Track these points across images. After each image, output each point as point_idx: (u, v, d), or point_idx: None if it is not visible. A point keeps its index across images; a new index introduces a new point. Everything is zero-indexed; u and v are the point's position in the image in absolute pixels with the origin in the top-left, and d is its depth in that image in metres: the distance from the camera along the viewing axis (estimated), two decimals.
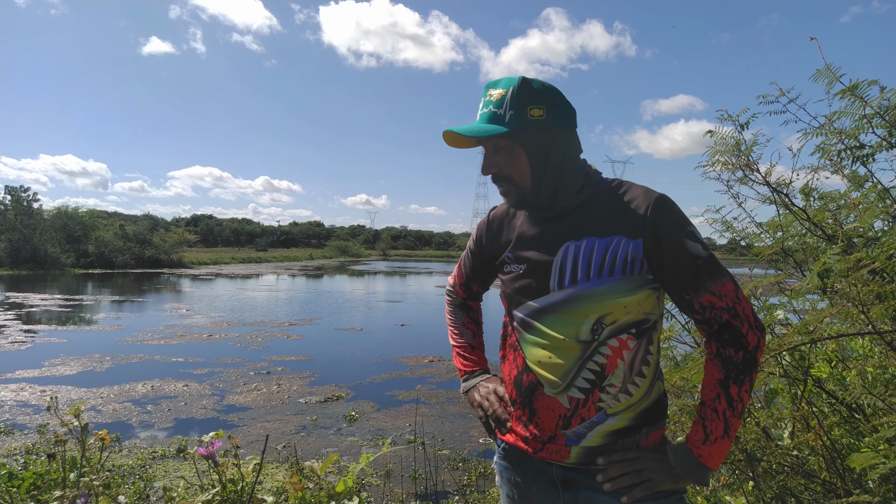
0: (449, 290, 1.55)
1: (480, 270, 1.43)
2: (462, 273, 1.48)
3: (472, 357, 1.44)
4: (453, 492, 4.26)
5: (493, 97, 1.15)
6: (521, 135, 1.15)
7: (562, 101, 1.16)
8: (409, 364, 9.05)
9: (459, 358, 1.45)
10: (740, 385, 1.07)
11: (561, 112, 1.16)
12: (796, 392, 1.85)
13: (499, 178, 1.20)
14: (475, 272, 1.44)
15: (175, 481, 3.89)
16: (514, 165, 1.17)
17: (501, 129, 1.13)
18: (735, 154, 1.91)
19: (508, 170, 1.18)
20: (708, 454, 1.08)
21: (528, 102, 1.13)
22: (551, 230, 1.19)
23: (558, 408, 1.15)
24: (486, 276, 1.44)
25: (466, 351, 1.45)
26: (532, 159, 1.16)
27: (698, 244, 1.10)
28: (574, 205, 1.18)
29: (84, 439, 2.10)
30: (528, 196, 1.18)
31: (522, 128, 1.14)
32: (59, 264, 29.48)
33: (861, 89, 1.66)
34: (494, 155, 1.19)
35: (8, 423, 5.67)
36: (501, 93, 1.14)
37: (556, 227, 1.19)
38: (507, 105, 1.13)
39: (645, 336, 1.15)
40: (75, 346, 9.74)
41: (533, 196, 1.18)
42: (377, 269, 42.92)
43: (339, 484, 2.15)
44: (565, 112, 1.16)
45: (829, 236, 1.80)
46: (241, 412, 6.38)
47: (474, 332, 1.50)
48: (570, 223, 1.17)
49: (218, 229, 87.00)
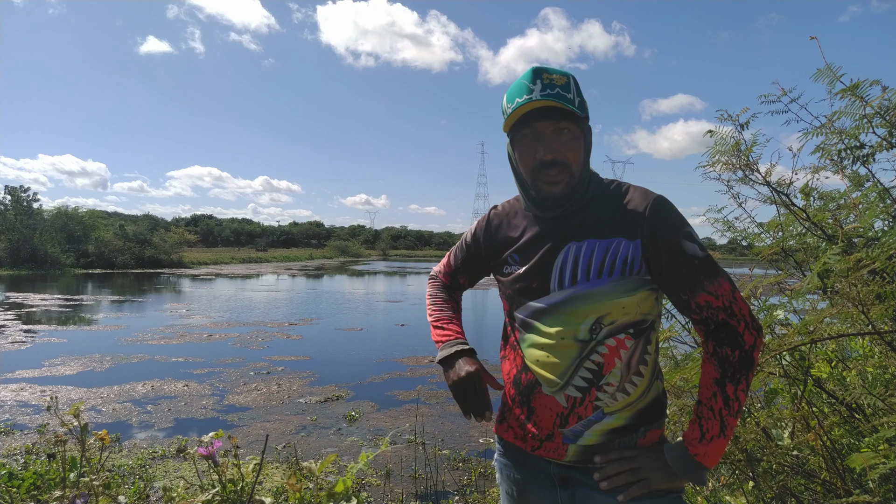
0: (433, 275, 1.53)
1: (471, 265, 1.41)
2: (450, 263, 1.47)
3: (450, 327, 1.34)
4: (453, 492, 4.26)
5: (555, 80, 1.12)
6: (586, 124, 1.18)
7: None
8: (409, 364, 9.05)
9: (436, 330, 1.36)
10: (736, 384, 1.07)
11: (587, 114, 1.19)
12: (796, 392, 1.85)
13: (556, 164, 1.14)
14: (465, 264, 1.43)
15: (175, 481, 3.89)
16: (575, 152, 1.15)
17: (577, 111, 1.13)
18: (735, 154, 1.91)
19: (568, 156, 1.14)
20: (704, 453, 1.08)
21: (583, 96, 1.16)
22: (555, 231, 1.19)
23: (556, 406, 1.16)
24: (475, 272, 1.43)
25: (443, 322, 1.36)
26: (586, 151, 1.18)
27: (695, 245, 1.11)
28: (578, 206, 1.19)
29: (84, 439, 2.09)
30: (575, 187, 1.16)
31: (587, 118, 1.17)
32: (59, 264, 29.48)
33: (862, 89, 1.65)
34: (556, 138, 1.14)
35: (8, 423, 5.67)
36: (563, 79, 1.13)
37: (559, 228, 1.19)
38: (574, 91, 1.13)
39: (643, 336, 1.15)
40: (75, 346, 9.74)
41: (576, 188, 1.16)
42: (377, 269, 42.92)
43: (338, 484, 2.15)
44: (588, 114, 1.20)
45: (829, 236, 1.79)
46: (241, 412, 6.38)
47: (453, 308, 1.42)
48: (572, 224, 1.18)
49: (218, 229, 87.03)
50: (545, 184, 1.16)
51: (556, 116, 1.13)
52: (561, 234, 1.18)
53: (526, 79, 1.13)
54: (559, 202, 1.16)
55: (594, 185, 1.21)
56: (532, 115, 1.14)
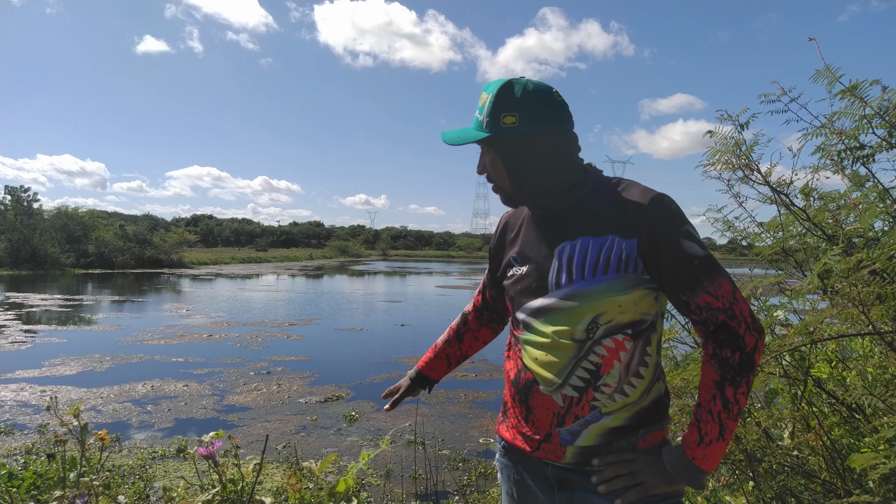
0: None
1: (493, 277, 1.43)
2: (484, 280, 1.50)
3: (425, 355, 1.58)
4: (453, 492, 4.26)
5: (480, 101, 1.19)
6: (496, 142, 1.18)
7: (543, 104, 1.15)
8: (409, 364, 9.04)
9: None
10: (736, 387, 1.06)
11: (539, 117, 1.15)
12: (796, 392, 1.85)
13: (489, 178, 1.25)
14: (490, 278, 1.45)
15: (175, 481, 3.89)
16: (495, 170, 1.22)
17: (478, 135, 1.18)
18: (735, 154, 1.91)
19: (491, 172, 1.23)
20: (702, 456, 1.08)
21: (501, 110, 1.16)
22: (549, 230, 1.20)
23: (552, 406, 1.16)
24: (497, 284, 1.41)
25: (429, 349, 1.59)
26: (507, 166, 1.19)
27: (695, 244, 1.09)
28: (569, 203, 1.19)
29: (84, 439, 2.09)
30: (513, 196, 1.23)
31: (497, 135, 1.17)
32: (59, 264, 29.46)
33: (861, 89, 1.65)
34: (483, 156, 1.24)
35: (8, 423, 5.67)
36: (484, 97, 1.18)
37: (553, 227, 1.19)
38: (486, 111, 1.17)
39: (642, 337, 1.14)
40: (75, 346, 9.74)
41: (517, 197, 1.23)
42: (377, 270, 42.92)
43: (339, 483, 2.15)
44: (545, 116, 1.15)
45: (830, 236, 1.79)
46: (241, 412, 6.38)
47: (447, 337, 1.57)
48: (566, 223, 1.18)
49: (218, 229, 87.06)
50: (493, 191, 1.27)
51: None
52: (556, 232, 1.18)
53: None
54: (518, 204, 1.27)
55: (593, 182, 1.20)
56: None
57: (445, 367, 1.57)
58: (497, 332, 1.56)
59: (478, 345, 1.56)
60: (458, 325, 1.55)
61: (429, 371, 1.56)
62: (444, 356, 1.55)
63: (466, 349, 1.55)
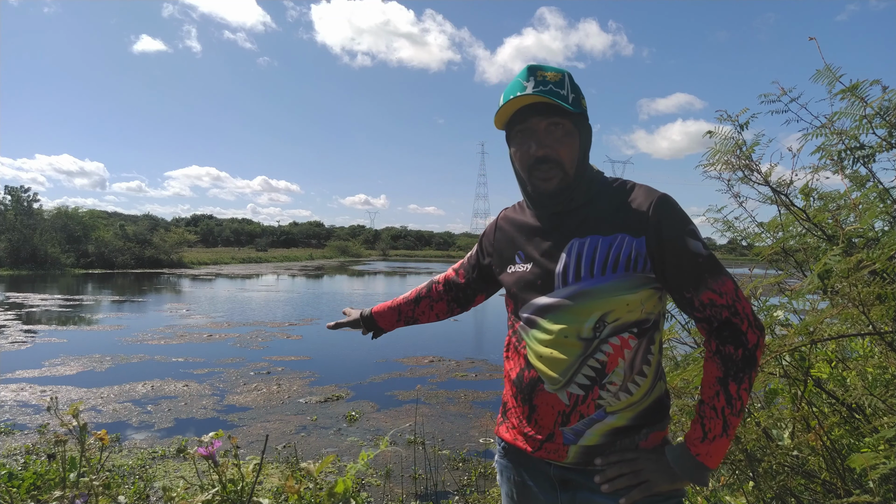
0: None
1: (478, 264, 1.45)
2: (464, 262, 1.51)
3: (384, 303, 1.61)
4: (453, 492, 4.26)
5: (548, 77, 1.13)
6: (581, 121, 1.17)
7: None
8: (409, 364, 9.05)
9: None
10: (739, 383, 1.07)
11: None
12: (796, 392, 1.85)
13: (548, 160, 1.14)
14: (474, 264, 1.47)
15: (175, 481, 3.89)
16: (568, 149, 1.15)
17: (575, 107, 1.14)
18: (736, 154, 1.91)
19: (561, 153, 1.14)
20: (706, 453, 1.08)
21: (580, 92, 1.16)
22: (558, 228, 1.19)
23: (557, 404, 1.15)
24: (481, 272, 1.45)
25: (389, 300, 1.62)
26: (582, 148, 1.18)
27: (699, 242, 1.11)
28: (580, 203, 1.19)
29: (83, 439, 2.09)
30: (569, 185, 1.16)
31: (583, 114, 1.16)
32: (59, 264, 29.45)
33: (861, 89, 1.65)
34: (548, 134, 1.15)
35: (8, 423, 5.67)
36: (557, 76, 1.14)
37: (562, 225, 1.19)
38: (569, 88, 1.14)
39: (646, 336, 1.15)
40: (75, 346, 9.74)
41: (572, 186, 1.17)
42: (377, 270, 42.91)
43: (338, 484, 2.15)
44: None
45: (830, 237, 1.79)
46: (241, 412, 6.38)
47: (407, 295, 1.58)
48: (575, 221, 1.18)
49: (218, 229, 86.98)
50: (539, 180, 1.17)
51: (548, 112, 1.13)
52: (564, 230, 1.18)
53: (521, 76, 1.15)
54: (554, 199, 1.17)
55: (597, 182, 1.21)
56: (525, 112, 1.15)
57: (394, 321, 1.59)
58: (452, 313, 1.56)
59: (429, 315, 1.56)
60: (421, 289, 1.58)
61: (379, 317, 1.58)
62: (398, 311, 1.57)
63: (419, 314, 1.57)
